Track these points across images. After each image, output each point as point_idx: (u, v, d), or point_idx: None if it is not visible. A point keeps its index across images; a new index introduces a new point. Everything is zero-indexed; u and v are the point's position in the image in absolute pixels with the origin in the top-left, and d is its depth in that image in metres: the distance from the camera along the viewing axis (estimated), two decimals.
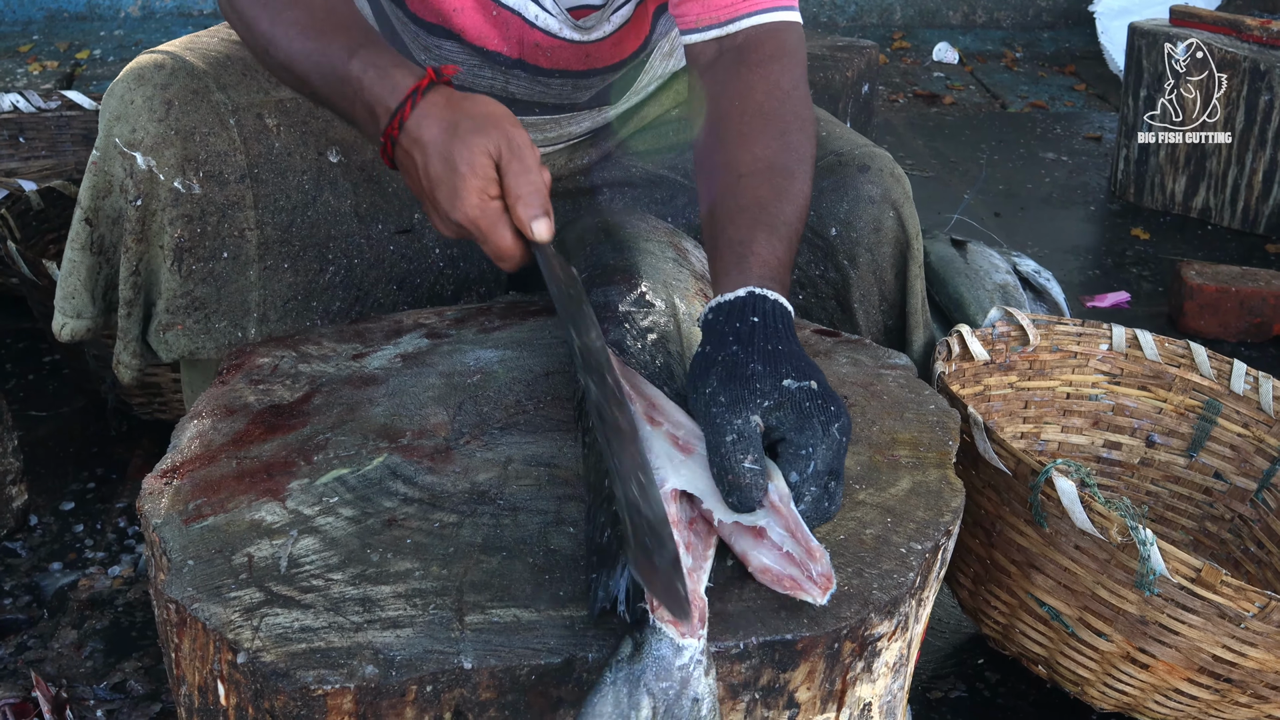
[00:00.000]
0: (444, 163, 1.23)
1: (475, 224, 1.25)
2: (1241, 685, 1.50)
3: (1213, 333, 2.96)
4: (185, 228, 1.54)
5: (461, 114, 1.25)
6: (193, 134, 1.53)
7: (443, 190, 1.24)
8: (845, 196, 1.65)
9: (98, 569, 1.97)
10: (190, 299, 1.58)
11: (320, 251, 1.62)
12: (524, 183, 1.24)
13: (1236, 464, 1.90)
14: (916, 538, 1.12)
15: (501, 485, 1.17)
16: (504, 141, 1.23)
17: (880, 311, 1.70)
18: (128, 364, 1.64)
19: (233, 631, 0.97)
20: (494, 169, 1.24)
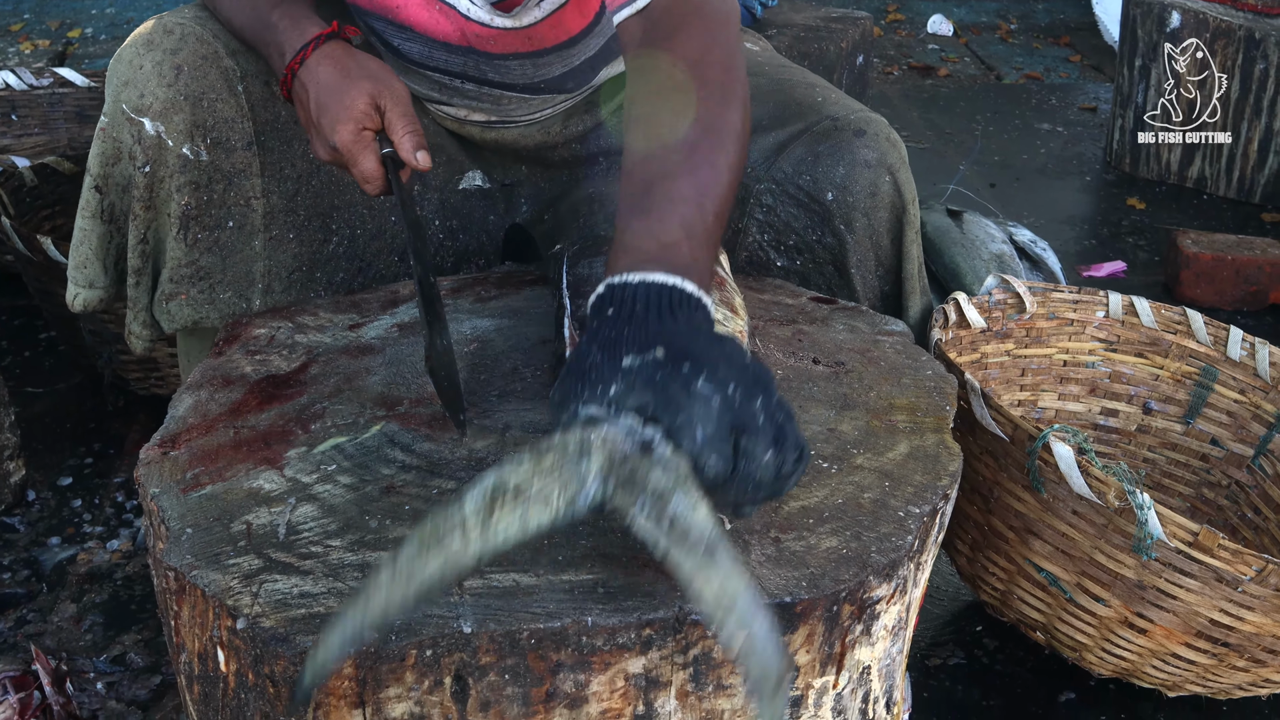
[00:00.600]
0: (331, 95, 1.41)
1: (349, 149, 1.41)
2: (1239, 649, 1.50)
3: (1209, 301, 2.96)
4: (192, 195, 1.54)
5: (353, 62, 1.44)
6: (201, 99, 1.53)
7: (326, 118, 1.41)
8: (841, 161, 1.65)
9: (96, 543, 1.97)
10: (195, 268, 1.57)
11: (324, 221, 1.63)
12: (405, 121, 1.41)
13: (1233, 430, 1.91)
14: (914, 501, 1.12)
15: (499, 452, 1.17)
16: (385, 89, 1.42)
17: (877, 277, 1.70)
18: (139, 334, 1.64)
19: (232, 598, 0.97)
20: (373, 109, 1.41)
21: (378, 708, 0.96)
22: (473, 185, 1.78)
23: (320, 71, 1.42)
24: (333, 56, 1.44)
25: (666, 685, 1.00)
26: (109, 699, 1.64)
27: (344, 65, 1.43)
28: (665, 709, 1.01)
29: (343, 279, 1.66)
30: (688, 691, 1.01)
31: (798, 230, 1.67)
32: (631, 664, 0.98)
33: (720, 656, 1.00)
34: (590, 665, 0.97)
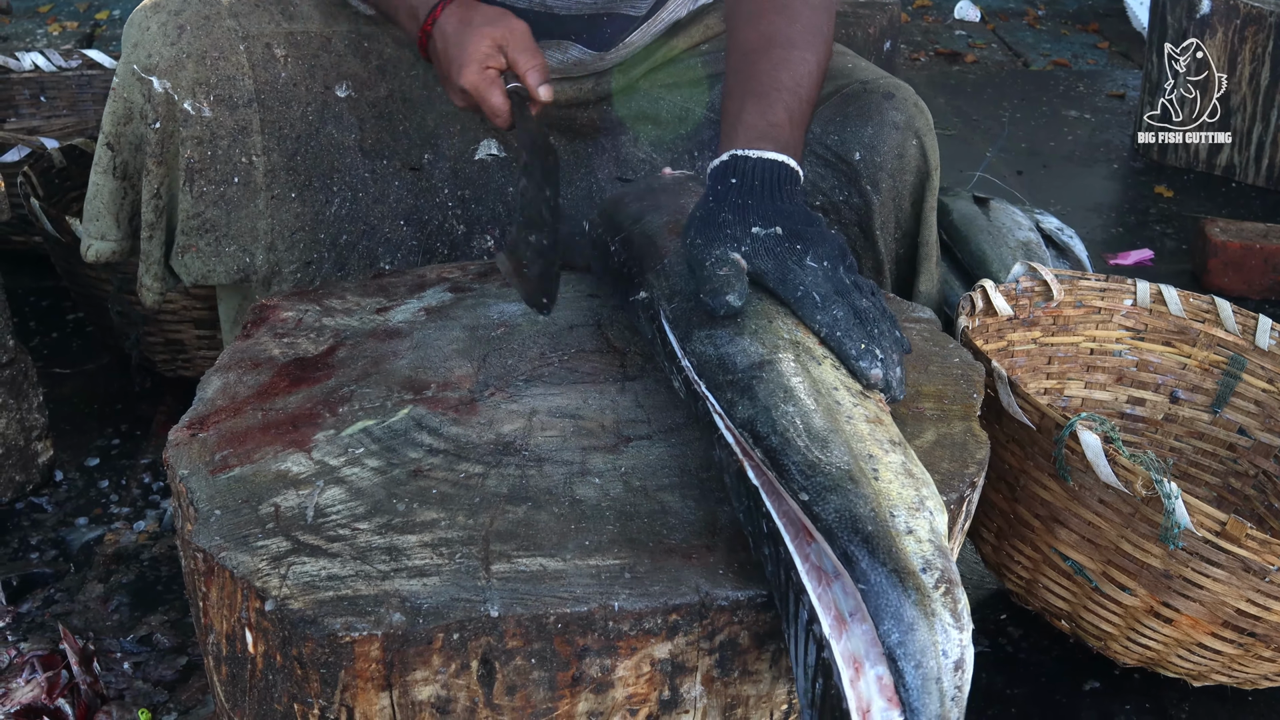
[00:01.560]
0: (457, 45, 1.50)
1: (475, 87, 1.49)
2: (1265, 639, 1.49)
3: (1237, 290, 2.94)
4: (195, 149, 1.61)
5: (475, 13, 1.52)
6: (204, 57, 1.60)
7: (454, 66, 1.50)
8: (870, 122, 1.67)
9: (123, 524, 1.98)
10: (201, 220, 1.64)
11: (325, 183, 1.69)
12: (527, 57, 1.50)
13: (1261, 420, 1.90)
14: (941, 489, 1.12)
15: (527, 436, 1.17)
16: (506, 30, 1.50)
17: (895, 240, 1.72)
18: (149, 287, 1.71)
19: (260, 580, 0.98)
20: (496, 50, 1.49)
21: (405, 690, 0.96)
22: (487, 154, 1.79)
23: (447, 27, 1.52)
24: (457, 13, 1.53)
25: (692, 671, 1.00)
26: (135, 679, 1.65)
27: (467, 17, 1.52)
28: (691, 694, 1.01)
29: (346, 240, 1.70)
30: (713, 677, 1.01)
31: (825, 190, 1.70)
32: (658, 649, 0.98)
33: (746, 643, 1.01)
34: (616, 650, 0.97)
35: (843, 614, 0.92)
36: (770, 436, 1.03)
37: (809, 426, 1.03)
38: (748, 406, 1.06)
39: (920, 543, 0.94)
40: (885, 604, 0.89)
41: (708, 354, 1.14)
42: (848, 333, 1.14)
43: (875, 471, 0.99)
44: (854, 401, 1.07)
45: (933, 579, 0.91)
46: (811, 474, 0.98)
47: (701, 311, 1.16)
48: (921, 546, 0.93)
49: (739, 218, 1.21)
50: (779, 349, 1.11)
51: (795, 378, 1.08)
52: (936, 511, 0.98)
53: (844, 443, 1.01)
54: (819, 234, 1.21)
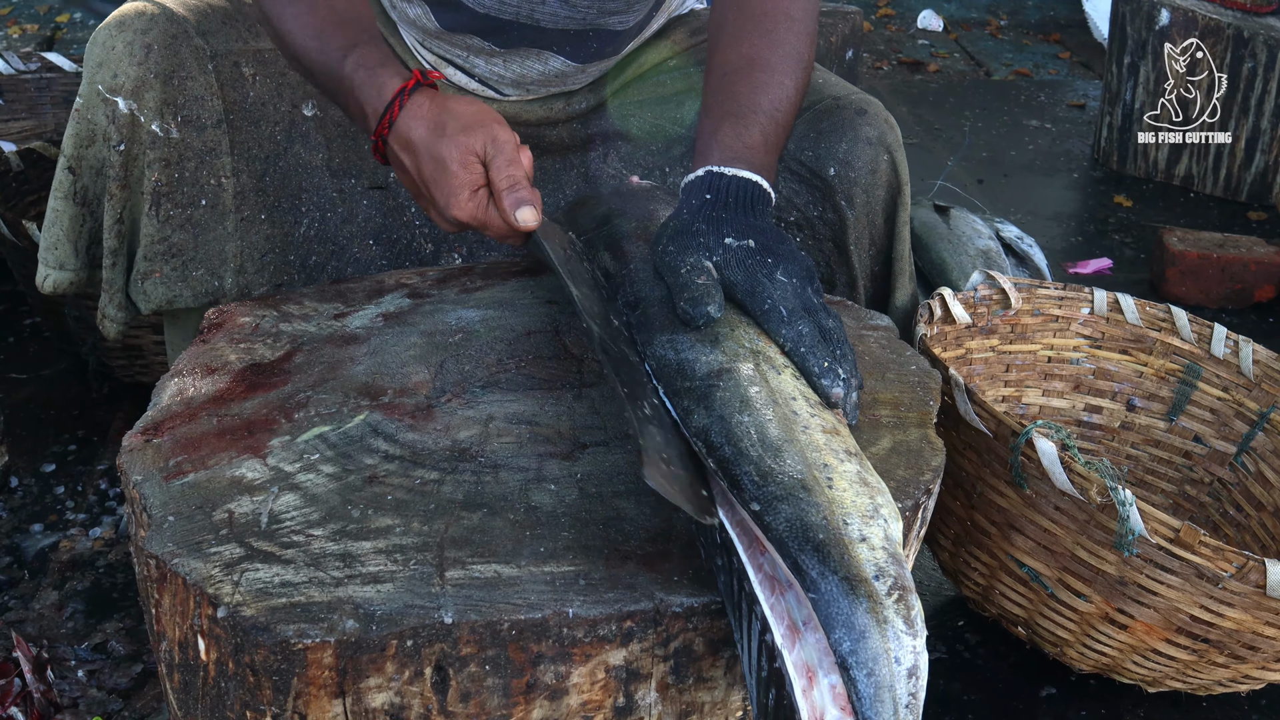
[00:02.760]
0: (434, 163, 1.31)
1: (474, 218, 1.32)
2: (1219, 646, 1.50)
3: (1194, 299, 2.96)
4: (162, 172, 1.57)
5: (448, 115, 1.32)
6: (171, 77, 1.55)
7: (438, 190, 1.31)
8: (844, 137, 1.68)
9: (79, 530, 1.97)
10: (168, 245, 1.59)
11: (294, 204, 1.65)
12: (504, 177, 1.31)
13: (1216, 428, 1.91)
14: (897, 496, 1.12)
15: (483, 443, 1.17)
16: (489, 139, 1.31)
17: (869, 256, 1.72)
18: (113, 317, 1.65)
19: (213, 586, 0.97)
20: (481, 165, 1.31)
21: (358, 697, 0.96)
22: None
23: (414, 135, 1.32)
24: (423, 114, 1.32)
25: (647, 677, 1.00)
26: (90, 687, 1.64)
27: (439, 123, 1.32)
28: (646, 701, 1.01)
29: (316, 262, 1.68)
30: (668, 684, 1.01)
31: (799, 206, 1.70)
32: (612, 656, 0.98)
33: (701, 649, 1.01)
34: (571, 657, 0.97)
35: (796, 623, 0.92)
36: (724, 446, 1.03)
37: (763, 436, 1.03)
38: (703, 415, 1.06)
39: (873, 550, 0.94)
40: (836, 612, 0.89)
41: (668, 359, 1.14)
42: (811, 349, 1.15)
43: (829, 480, 0.99)
44: (811, 412, 1.07)
45: (885, 586, 0.91)
46: (763, 483, 0.98)
47: (665, 317, 1.16)
48: (875, 554, 0.93)
49: (713, 229, 1.24)
50: (739, 357, 1.11)
51: (753, 387, 1.08)
52: (891, 519, 0.98)
53: (798, 452, 1.01)
54: (790, 252, 1.23)
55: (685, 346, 1.14)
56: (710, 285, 1.18)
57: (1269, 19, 3.54)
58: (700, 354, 1.12)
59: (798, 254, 1.24)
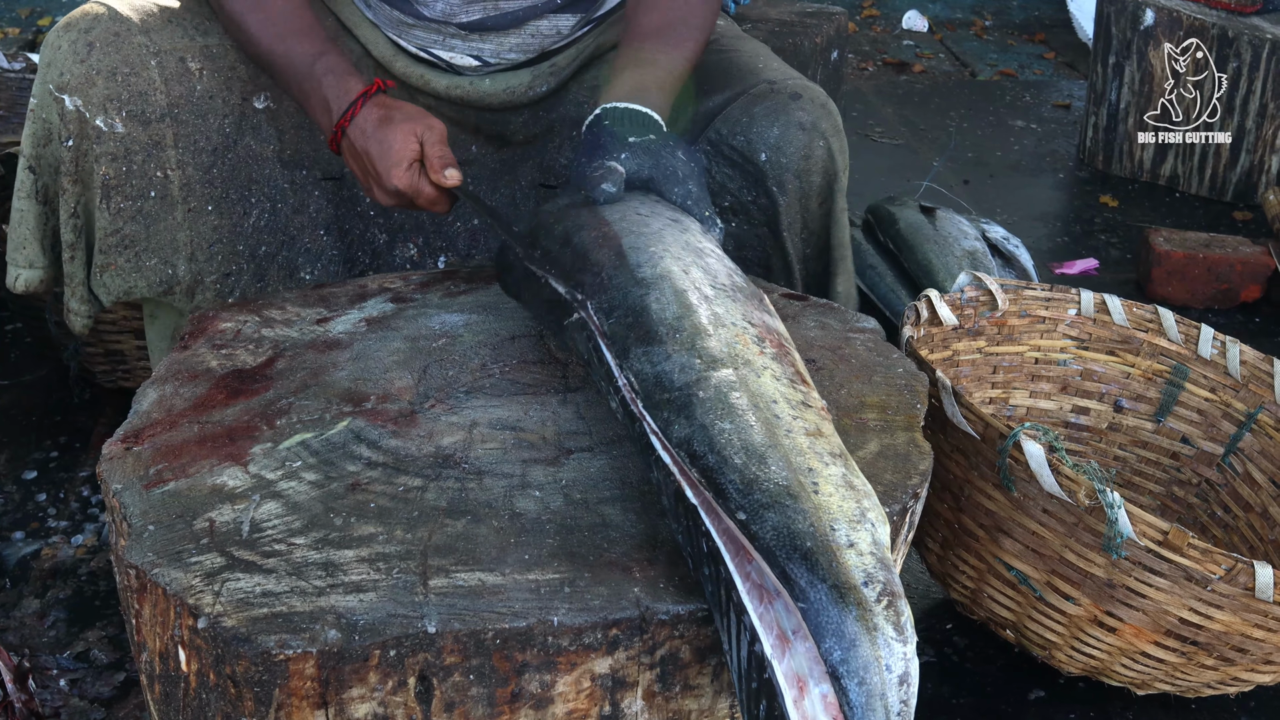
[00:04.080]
0: (380, 144, 1.51)
1: (409, 186, 1.51)
2: (1207, 648, 1.50)
3: (1180, 299, 2.96)
4: (110, 165, 1.60)
5: (396, 110, 1.54)
6: (114, 74, 1.59)
7: (381, 163, 1.50)
8: (776, 122, 1.68)
9: (61, 538, 1.95)
10: (120, 236, 1.63)
11: (243, 195, 1.69)
12: (435, 150, 1.51)
13: (1204, 429, 1.91)
14: (884, 500, 1.11)
15: (466, 449, 1.16)
16: (424, 126, 1.52)
17: (803, 240, 1.74)
18: (77, 310, 1.69)
19: (193, 596, 0.96)
20: (418, 145, 1.51)
21: (341, 708, 0.94)
22: None
23: (367, 125, 1.52)
24: (376, 112, 1.53)
25: (633, 686, 0.99)
26: (72, 696, 1.63)
27: (387, 115, 1.53)
28: (632, 709, 1.01)
29: (266, 252, 1.71)
30: (654, 692, 1.00)
31: (733, 191, 1.72)
32: (598, 664, 0.97)
33: (687, 657, 1.00)
34: (556, 665, 0.96)
35: (785, 632, 0.91)
36: (707, 455, 1.00)
37: (746, 443, 1.01)
38: (684, 425, 1.04)
39: (862, 556, 0.92)
40: (826, 621, 0.88)
41: (645, 372, 1.11)
42: (696, 201, 1.38)
43: (815, 485, 0.98)
44: (794, 414, 1.05)
45: (875, 592, 0.90)
46: (749, 491, 0.97)
47: (638, 328, 1.14)
48: (863, 560, 0.92)
49: (615, 140, 1.42)
50: (716, 364, 1.09)
51: (733, 393, 1.06)
52: (878, 523, 0.97)
53: (782, 457, 0.99)
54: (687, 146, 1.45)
55: (661, 358, 1.10)
56: (607, 170, 1.35)
57: (1253, 19, 3.54)
58: (678, 363, 1.09)
59: (690, 147, 1.45)
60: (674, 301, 1.16)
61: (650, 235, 1.27)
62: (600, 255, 1.26)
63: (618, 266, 1.22)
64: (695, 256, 1.25)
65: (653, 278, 1.19)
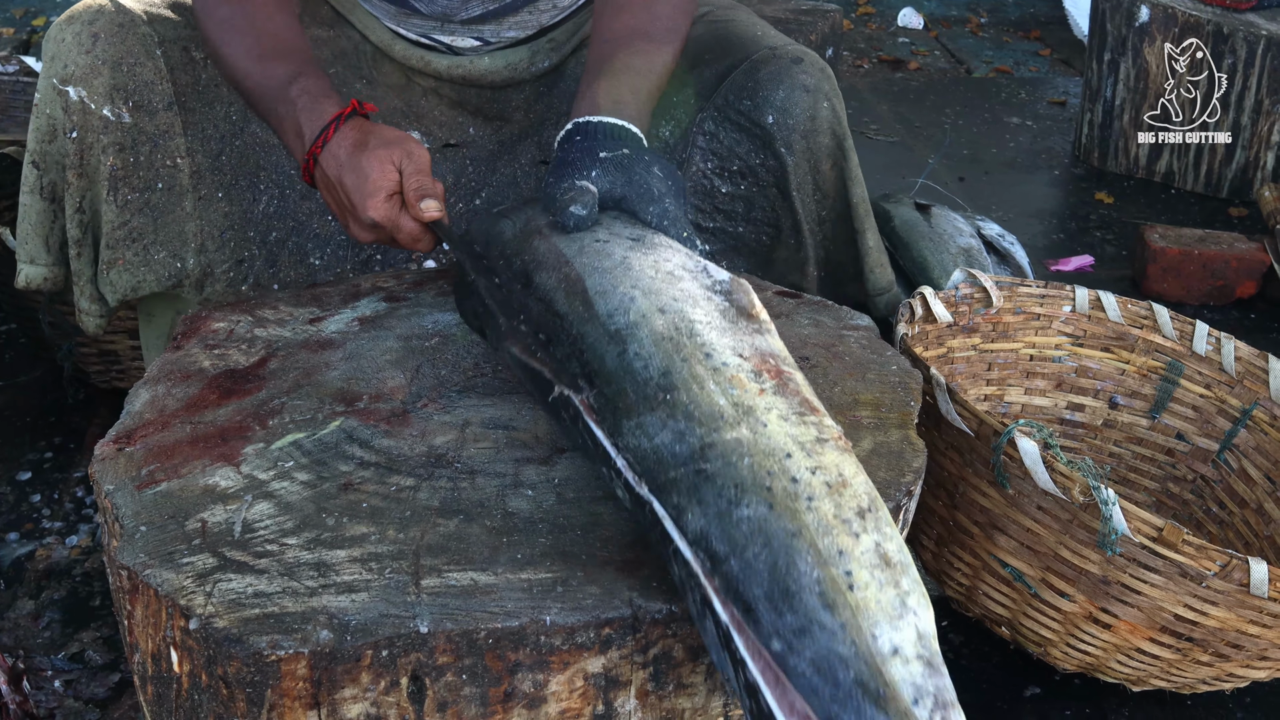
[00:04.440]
0: (355, 173, 1.39)
1: (387, 219, 1.39)
2: (1203, 644, 1.50)
3: (1175, 296, 2.96)
4: (117, 156, 1.60)
5: (373, 135, 1.42)
6: (120, 64, 1.59)
7: (356, 195, 1.39)
8: (781, 85, 1.71)
9: (55, 539, 1.95)
10: (128, 230, 1.62)
11: (252, 181, 1.69)
12: (414, 181, 1.40)
13: (1199, 425, 1.91)
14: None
15: (459, 448, 1.15)
16: (404, 154, 1.40)
17: (815, 202, 1.76)
18: (88, 310, 1.68)
19: (185, 597, 0.96)
20: (397, 175, 1.40)
21: (333, 709, 0.94)
22: None
23: (341, 152, 1.41)
24: (351, 136, 1.42)
25: (626, 685, 0.99)
26: (67, 697, 1.62)
27: (363, 141, 1.41)
28: (625, 709, 1.00)
29: (276, 238, 1.70)
30: (648, 691, 1.00)
31: (740, 155, 1.74)
32: (590, 663, 0.97)
33: (680, 656, 0.99)
34: (549, 665, 0.96)
35: None
36: (729, 559, 0.92)
37: (769, 536, 0.92)
38: (698, 516, 0.95)
39: (908, 664, 0.86)
40: None
41: (642, 448, 1.02)
42: (673, 221, 1.30)
43: (849, 578, 0.89)
44: (810, 466, 0.96)
45: (926, 711, 0.84)
46: (780, 611, 0.88)
47: (626, 395, 1.06)
48: (910, 670, 0.85)
49: (586, 155, 1.34)
50: (717, 425, 1.00)
51: (744, 459, 0.97)
52: (920, 608, 0.89)
53: (810, 546, 0.90)
54: (662, 160, 1.36)
55: (656, 428, 1.01)
56: (577, 191, 1.27)
57: (1248, 15, 3.54)
58: (676, 431, 1.01)
59: (666, 161, 1.36)
60: (656, 353, 1.07)
61: (615, 269, 1.18)
62: (566, 305, 1.17)
63: (587, 320, 1.13)
64: (667, 283, 1.16)
65: (627, 326, 1.10)
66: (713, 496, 0.95)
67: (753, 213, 1.76)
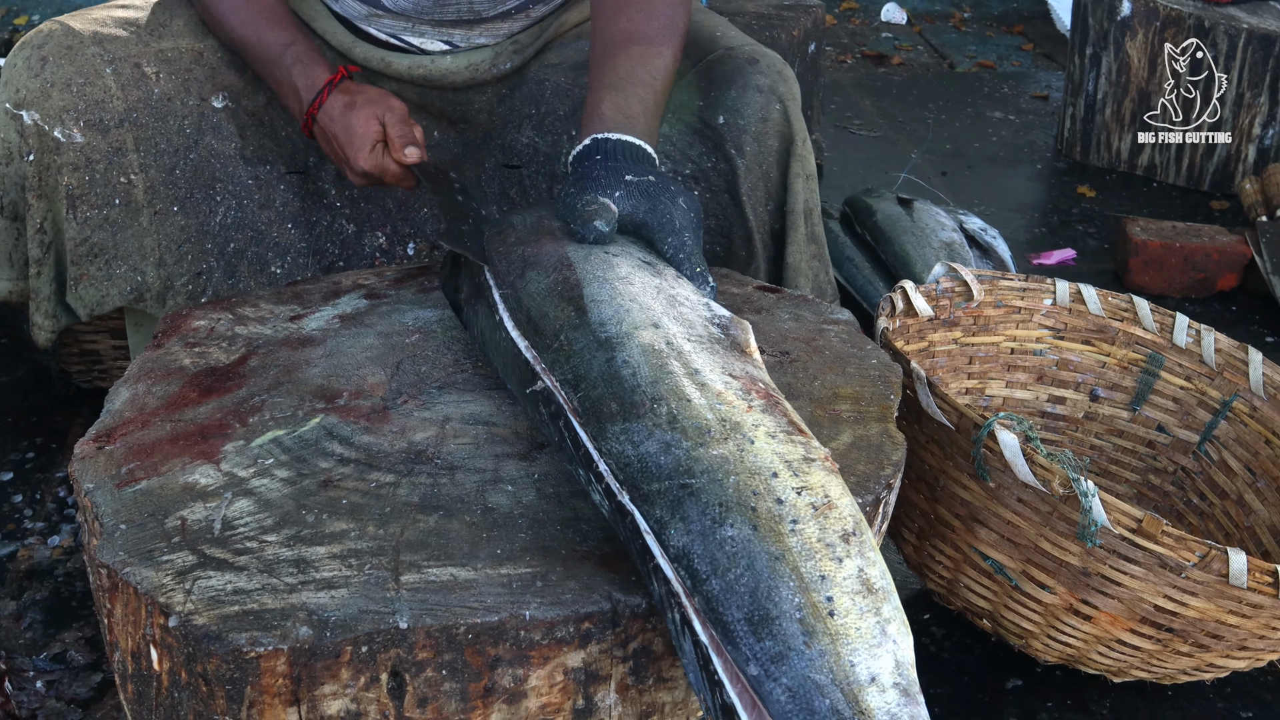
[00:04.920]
0: (345, 129, 1.60)
1: (375, 166, 1.59)
2: (1182, 635, 1.51)
3: (1157, 288, 2.97)
4: (73, 175, 1.63)
5: (359, 95, 1.62)
6: (69, 85, 1.62)
7: (349, 148, 1.59)
8: (733, 85, 1.70)
9: (37, 539, 1.94)
10: (89, 246, 1.66)
11: (208, 193, 1.71)
12: (396, 130, 1.59)
13: (1179, 417, 1.92)
14: (858, 491, 1.12)
15: (439, 444, 1.16)
16: (385, 109, 1.60)
17: (767, 211, 1.75)
18: (40, 325, 1.72)
19: (164, 595, 0.96)
20: (380, 127, 1.59)
21: (313, 705, 0.94)
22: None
23: (334, 111, 1.61)
24: (341, 99, 1.62)
25: (606, 679, 0.99)
26: (49, 697, 1.62)
27: (350, 100, 1.61)
28: (605, 703, 1.01)
29: (235, 248, 1.73)
30: (628, 685, 1.01)
31: (692, 158, 1.73)
32: (570, 658, 0.97)
33: (660, 649, 1.00)
34: (529, 660, 0.96)
35: None
36: (710, 579, 0.91)
37: (751, 557, 0.92)
38: (681, 532, 0.94)
39: (884, 693, 0.87)
40: None
41: (627, 455, 1.01)
42: (689, 255, 1.30)
43: (830, 604, 0.89)
44: (797, 487, 0.96)
45: None
46: (759, 635, 0.88)
47: (613, 400, 1.05)
48: (886, 698, 0.86)
49: (611, 174, 1.35)
50: (705, 439, 1.00)
51: (730, 476, 0.97)
52: (900, 636, 0.90)
53: (792, 571, 0.90)
54: (685, 190, 1.36)
55: (643, 436, 1.01)
56: (600, 207, 1.29)
57: (1230, 9, 3.55)
58: (663, 442, 1.00)
59: (690, 193, 1.36)
60: (645, 364, 1.07)
61: (616, 282, 1.19)
62: (559, 309, 1.17)
63: (578, 325, 1.13)
64: (667, 305, 1.17)
65: (617, 336, 1.10)
66: (697, 514, 0.95)
67: (707, 220, 1.74)
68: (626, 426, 1.03)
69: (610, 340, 1.10)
